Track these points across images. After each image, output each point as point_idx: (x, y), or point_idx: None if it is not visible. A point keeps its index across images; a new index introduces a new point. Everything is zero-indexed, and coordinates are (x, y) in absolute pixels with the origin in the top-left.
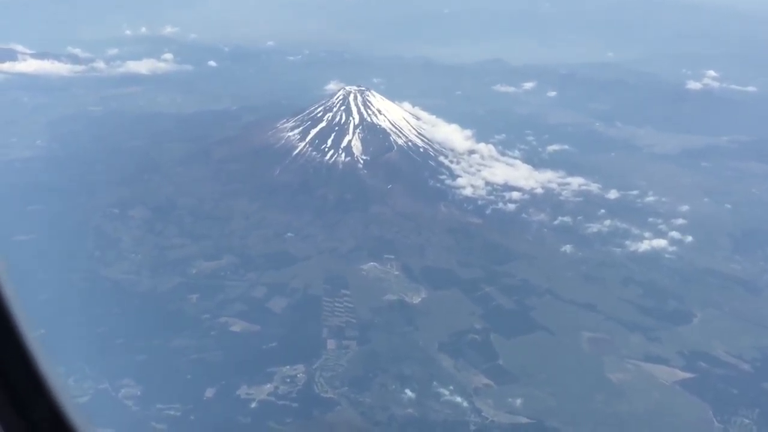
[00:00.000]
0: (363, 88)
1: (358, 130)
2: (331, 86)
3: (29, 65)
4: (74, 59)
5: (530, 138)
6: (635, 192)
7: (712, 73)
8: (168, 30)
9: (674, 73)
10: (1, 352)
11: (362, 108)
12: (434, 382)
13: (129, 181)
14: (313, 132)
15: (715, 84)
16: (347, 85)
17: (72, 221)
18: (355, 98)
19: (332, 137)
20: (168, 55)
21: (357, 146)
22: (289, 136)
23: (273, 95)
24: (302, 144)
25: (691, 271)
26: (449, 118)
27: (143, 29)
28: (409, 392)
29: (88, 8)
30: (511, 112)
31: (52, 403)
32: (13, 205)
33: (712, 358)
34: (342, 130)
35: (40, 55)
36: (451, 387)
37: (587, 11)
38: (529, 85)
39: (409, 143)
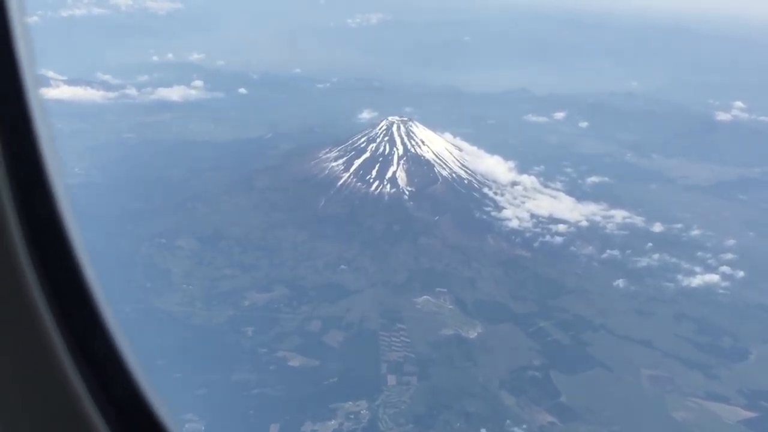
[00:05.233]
0: (405, 119)
1: (402, 161)
2: (365, 115)
3: (62, 91)
4: (106, 86)
5: (568, 169)
6: (679, 225)
7: (739, 104)
8: (195, 56)
9: (701, 103)
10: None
11: (406, 139)
12: (507, 421)
13: (173, 210)
14: (357, 163)
15: (744, 115)
16: (380, 114)
17: (119, 251)
18: (399, 129)
19: (377, 168)
20: (198, 82)
21: (402, 177)
22: (332, 166)
23: (306, 123)
24: (346, 175)
25: (744, 307)
26: (488, 148)
27: (170, 55)
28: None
29: (113, 33)
30: (544, 143)
31: (135, 387)
32: None
33: None
34: (386, 161)
35: (72, 82)
36: (525, 426)
37: (608, 40)
38: (560, 115)
39: (454, 175)
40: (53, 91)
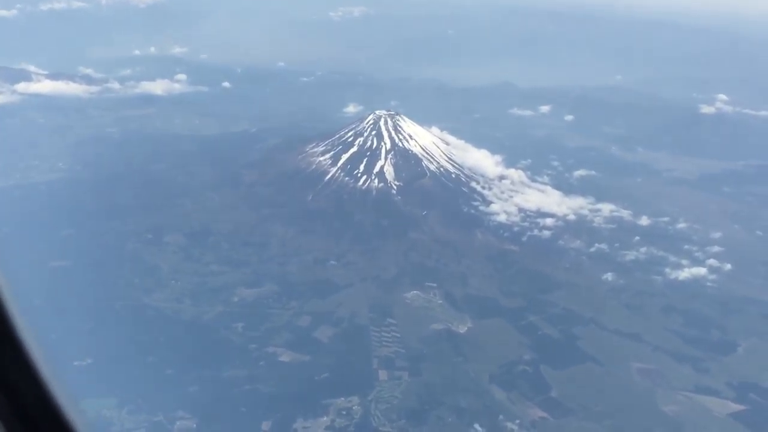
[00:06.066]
0: (392, 113)
1: (390, 156)
2: (350, 109)
3: (44, 86)
4: (88, 79)
5: (555, 163)
6: (666, 218)
7: (723, 97)
8: (177, 50)
9: (685, 96)
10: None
11: (393, 133)
12: (500, 416)
13: (160, 206)
14: (345, 157)
15: (728, 108)
16: (366, 108)
17: (107, 247)
18: (386, 123)
19: (364, 162)
20: (181, 76)
21: (390, 172)
22: (320, 160)
23: (291, 117)
24: (334, 169)
25: (730, 300)
26: (475, 142)
27: (152, 49)
28: (478, 427)
29: (93, 27)
30: (530, 136)
31: (52, 404)
32: (45, 230)
33: (762, 390)
34: (374, 155)
35: (54, 76)
36: (518, 421)
37: (592, 34)
38: (545, 109)
39: (441, 169)
40: (34, 86)
